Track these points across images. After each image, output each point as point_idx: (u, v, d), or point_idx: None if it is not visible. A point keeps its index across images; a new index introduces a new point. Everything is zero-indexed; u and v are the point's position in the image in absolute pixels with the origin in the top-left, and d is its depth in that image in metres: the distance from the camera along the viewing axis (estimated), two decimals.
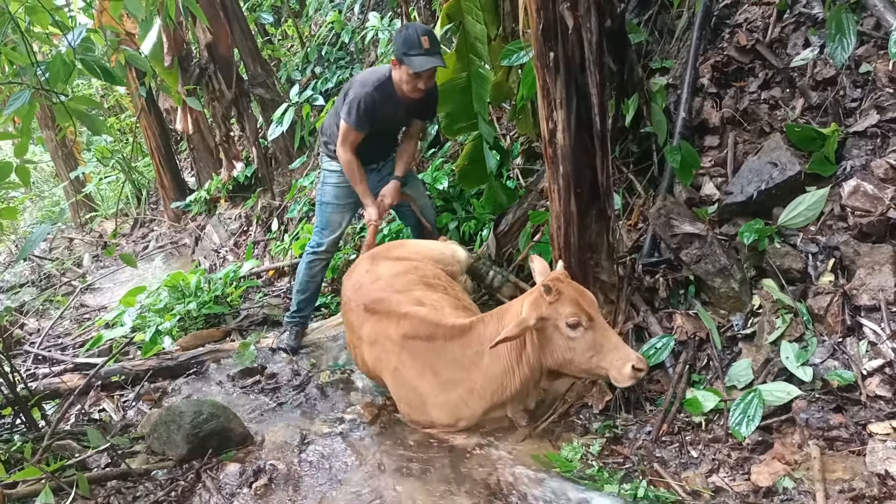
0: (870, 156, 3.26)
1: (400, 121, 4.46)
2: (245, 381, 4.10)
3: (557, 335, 2.94)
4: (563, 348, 2.95)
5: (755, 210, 3.43)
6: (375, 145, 4.46)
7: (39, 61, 3.06)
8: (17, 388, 3.56)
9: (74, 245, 10.53)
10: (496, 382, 3.13)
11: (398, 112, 4.29)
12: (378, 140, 4.43)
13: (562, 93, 3.08)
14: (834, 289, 3.05)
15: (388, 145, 4.62)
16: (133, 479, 3.11)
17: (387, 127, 4.40)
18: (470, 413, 3.22)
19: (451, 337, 3.24)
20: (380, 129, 4.31)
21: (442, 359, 3.24)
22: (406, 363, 3.33)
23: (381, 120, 4.22)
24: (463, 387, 3.20)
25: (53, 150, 10.88)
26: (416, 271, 3.76)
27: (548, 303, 2.91)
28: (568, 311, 2.89)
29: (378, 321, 3.48)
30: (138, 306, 5.63)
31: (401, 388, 3.39)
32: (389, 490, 2.90)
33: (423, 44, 3.89)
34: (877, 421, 2.64)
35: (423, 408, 3.31)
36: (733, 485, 2.68)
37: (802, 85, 3.67)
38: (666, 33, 4.51)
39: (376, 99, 4.11)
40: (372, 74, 4.24)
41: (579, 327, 2.89)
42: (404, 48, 3.93)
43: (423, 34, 3.92)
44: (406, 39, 3.95)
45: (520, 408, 3.31)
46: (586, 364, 2.92)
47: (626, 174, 4.12)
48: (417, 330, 3.31)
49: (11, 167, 3.17)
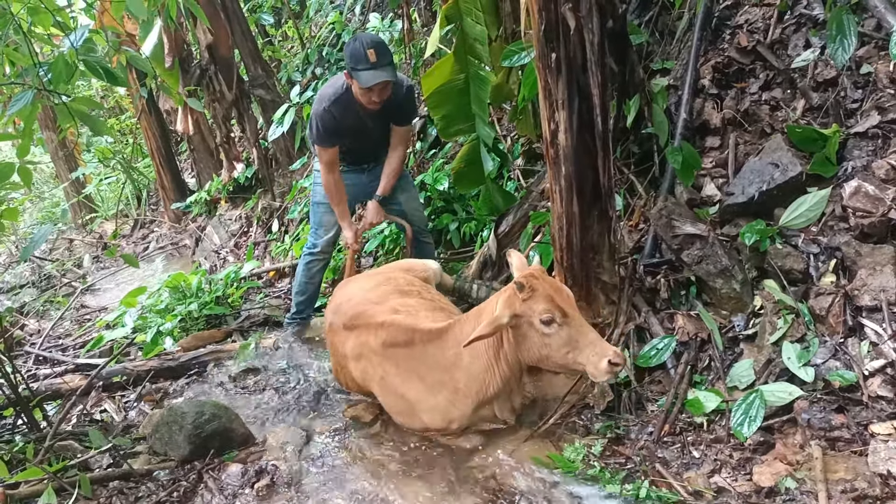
0: (871, 157, 3.26)
1: (374, 126, 4.27)
2: (247, 382, 4.10)
3: (532, 332, 2.94)
4: (538, 345, 2.95)
5: (756, 211, 3.44)
6: (360, 150, 4.38)
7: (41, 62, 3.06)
8: (18, 389, 3.57)
9: (75, 246, 10.53)
10: (478, 380, 3.14)
11: (365, 121, 4.16)
12: (360, 146, 4.33)
13: (564, 93, 3.08)
14: (835, 289, 3.05)
15: (375, 148, 4.46)
16: (135, 480, 3.11)
17: (360, 136, 4.24)
18: (460, 413, 3.22)
19: (430, 340, 3.24)
20: (353, 138, 4.20)
21: (423, 363, 3.25)
22: (390, 371, 3.33)
23: (348, 132, 4.13)
24: (448, 388, 3.20)
25: (54, 151, 10.87)
26: (388, 282, 3.78)
27: (521, 300, 2.92)
28: (541, 307, 2.88)
29: (359, 335, 3.48)
30: (139, 307, 5.63)
31: (389, 397, 3.40)
32: (391, 491, 2.90)
33: (369, 57, 3.76)
34: (878, 421, 2.64)
35: (413, 414, 3.31)
36: (735, 485, 2.68)
37: (803, 86, 3.67)
38: (667, 34, 4.51)
39: (334, 114, 4.03)
40: (329, 88, 4.13)
41: (553, 324, 2.88)
42: (352, 62, 3.82)
43: (370, 47, 3.77)
44: (353, 54, 3.81)
45: (506, 406, 3.31)
46: (562, 360, 2.92)
47: (627, 175, 4.12)
48: (396, 337, 3.32)
49: (13, 168, 3.17)
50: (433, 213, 5.55)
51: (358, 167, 4.46)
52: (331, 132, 4.05)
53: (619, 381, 3.37)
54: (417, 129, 6.48)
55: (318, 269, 4.73)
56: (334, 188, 4.23)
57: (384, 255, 5.75)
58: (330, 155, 4.14)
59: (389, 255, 5.70)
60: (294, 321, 4.79)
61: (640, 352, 3.39)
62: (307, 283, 4.71)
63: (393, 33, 6.30)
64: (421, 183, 5.64)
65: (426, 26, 6.64)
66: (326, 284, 5.76)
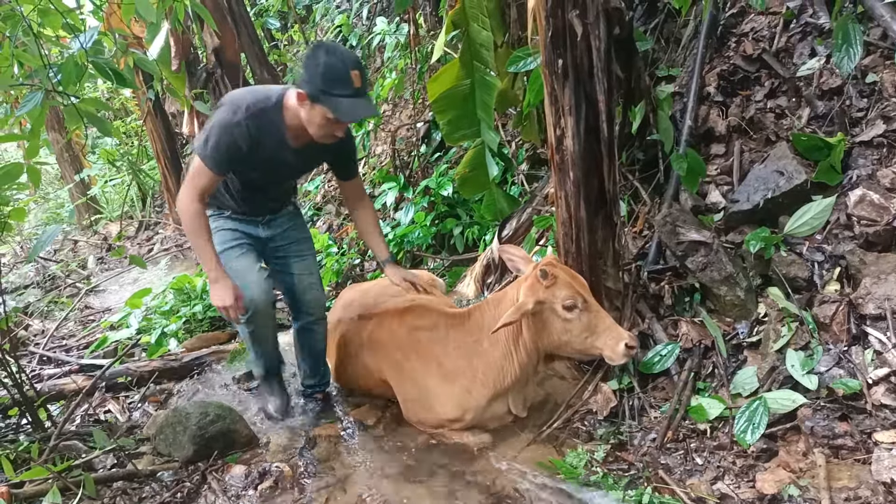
0: (876, 165, 3.27)
1: (295, 166, 3.26)
2: (250, 384, 4.10)
3: (554, 318, 3.03)
4: (559, 330, 3.03)
5: (761, 218, 3.45)
6: (259, 193, 3.29)
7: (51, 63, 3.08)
8: (23, 389, 3.58)
9: (79, 247, 10.55)
10: (497, 368, 3.19)
11: (286, 156, 3.09)
12: (263, 186, 3.26)
13: (570, 99, 3.10)
14: (840, 297, 3.05)
15: (280, 195, 3.44)
16: (139, 480, 3.12)
17: (271, 173, 3.17)
18: (475, 403, 3.24)
19: (453, 325, 3.34)
20: (262, 173, 3.14)
21: (445, 348, 3.31)
22: (411, 357, 3.38)
23: (259, 163, 3.04)
24: (465, 377, 3.25)
25: (59, 152, 10.91)
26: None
27: (544, 287, 3.00)
28: (564, 293, 2.98)
29: (379, 321, 3.54)
30: (144, 308, 5.64)
31: (406, 385, 3.41)
32: (394, 493, 2.91)
33: (353, 81, 2.78)
34: (882, 429, 2.65)
35: (429, 403, 3.33)
36: (738, 492, 2.68)
37: (809, 94, 3.68)
38: (672, 42, 4.53)
39: (250, 131, 2.92)
40: (251, 95, 3.00)
41: (575, 309, 2.98)
42: (326, 83, 2.77)
43: (354, 67, 2.79)
44: (330, 71, 2.76)
45: (520, 398, 3.35)
46: (581, 345, 3.02)
47: (632, 181, 4.14)
48: (421, 320, 3.41)
49: (22, 168, 3.18)
50: (437, 218, 5.57)
51: (251, 218, 3.37)
52: (233, 153, 2.94)
53: (623, 386, 3.38)
54: (422, 134, 6.51)
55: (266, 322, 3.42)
56: (200, 221, 3.02)
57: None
58: (211, 183, 3.01)
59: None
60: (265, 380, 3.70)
61: (643, 358, 3.39)
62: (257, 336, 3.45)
63: (399, 37, 6.32)
64: (425, 188, 5.66)
65: (432, 31, 6.66)
66: (329, 287, 5.78)
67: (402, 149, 6.59)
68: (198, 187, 2.99)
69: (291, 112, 2.96)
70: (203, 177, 2.98)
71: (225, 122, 2.90)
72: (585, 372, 3.56)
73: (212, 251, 3.04)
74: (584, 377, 3.53)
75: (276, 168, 3.13)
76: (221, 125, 2.91)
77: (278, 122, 2.97)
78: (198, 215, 3.00)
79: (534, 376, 3.39)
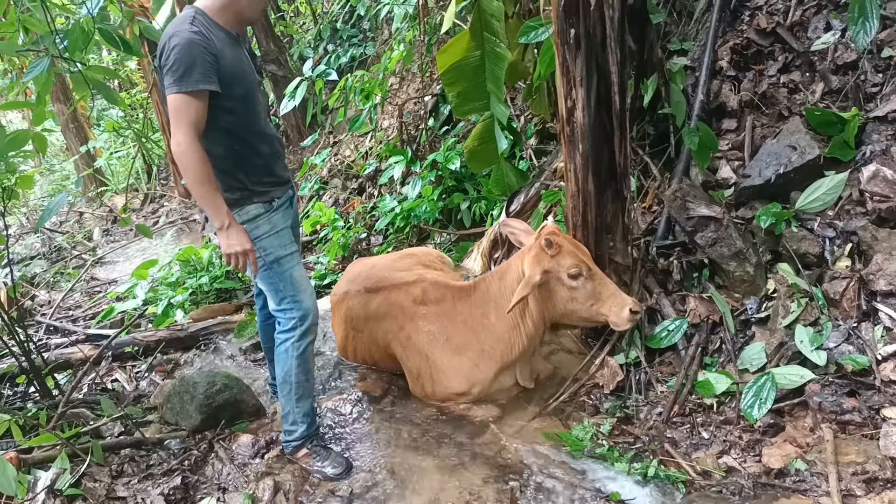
0: (890, 141, 3.24)
1: (252, 72, 2.94)
2: (257, 355, 4.11)
3: (560, 287, 3.06)
4: (565, 299, 3.07)
5: (772, 193, 3.42)
6: (266, 139, 2.92)
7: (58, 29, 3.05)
8: (31, 357, 3.59)
9: (85, 219, 10.56)
10: (504, 341, 3.22)
11: (241, 56, 2.84)
12: (254, 105, 2.87)
13: (582, 70, 3.05)
14: (850, 273, 3.04)
15: (278, 138, 3.08)
16: (147, 448, 3.14)
17: (246, 83, 2.81)
18: (483, 376, 3.25)
19: (460, 298, 3.35)
20: (241, 91, 2.77)
21: (452, 321, 3.33)
22: (419, 329, 3.38)
23: (231, 76, 2.72)
24: (473, 350, 3.27)
25: (64, 123, 10.87)
26: (411, 257, 3.91)
27: (549, 256, 3.01)
28: (569, 262, 3.01)
29: (387, 295, 3.53)
30: (150, 279, 5.65)
31: (414, 358, 3.41)
32: (401, 463, 2.92)
33: None
34: (891, 405, 2.64)
35: (437, 376, 3.33)
36: (744, 466, 2.68)
37: (823, 69, 3.63)
38: (685, 15, 4.46)
39: (206, 36, 2.64)
40: (177, 21, 2.70)
41: (580, 277, 3.01)
42: None
43: None
44: None
45: (527, 370, 3.37)
46: (587, 312, 3.06)
47: (642, 156, 4.10)
48: (429, 293, 3.41)
49: (28, 135, 3.17)
50: (444, 193, 5.54)
51: (284, 190, 2.99)
52: (208, 62, 2.61)
53: (629, 361, 3.38)
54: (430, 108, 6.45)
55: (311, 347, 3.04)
56: (204, 168, 2.63)
57: (394, 233, 5.75)
58: (201, 112, 2.63)
59: (399, 233, 5.70)
60: (309, 434, 3.04)
61: (651, 333, 3.38)
62: (308, 375, 3.01)
63: (408, 9, 6.23)
64: (432, 162, 5.63)
65: (441, 1, 6.57)
66: (336, 262, 5.77)
67: (409, 122, 6.53)
68: (190, 123, 2.59)
69: (213, 9, 2.74)
70: (190, 108, 2.59)
71: (184, 41, 2.58)
72: (592, 346, 3.55)
73: (219, 198, 2.68)
74: (590, 351, 3.52)
75: (245, 73, 2.82)
76: (182, 46, 2.58)
77: (210, 24, 2.70)
78: (202, 161, 2.61)
79: (540, 347, 3.40)
